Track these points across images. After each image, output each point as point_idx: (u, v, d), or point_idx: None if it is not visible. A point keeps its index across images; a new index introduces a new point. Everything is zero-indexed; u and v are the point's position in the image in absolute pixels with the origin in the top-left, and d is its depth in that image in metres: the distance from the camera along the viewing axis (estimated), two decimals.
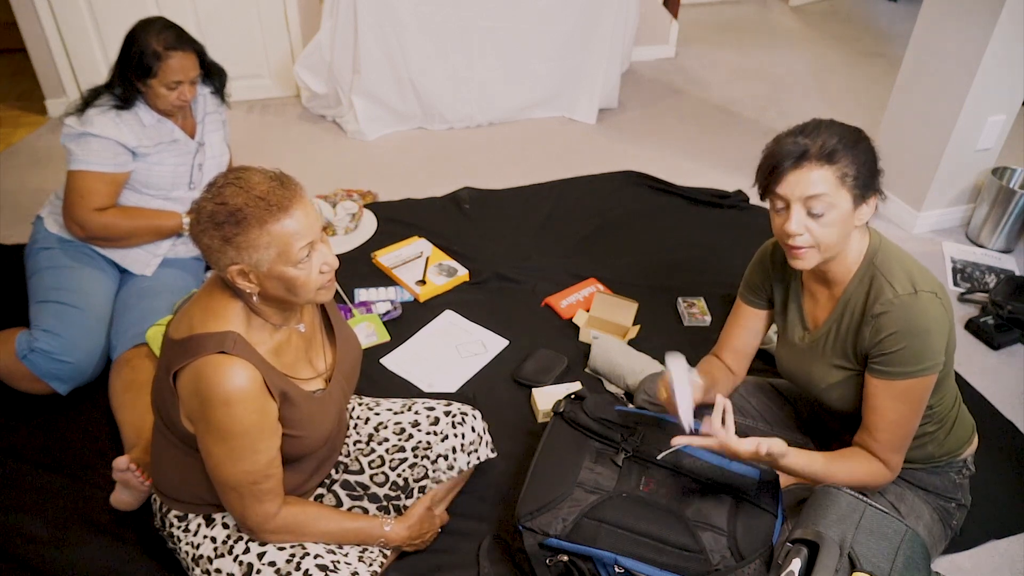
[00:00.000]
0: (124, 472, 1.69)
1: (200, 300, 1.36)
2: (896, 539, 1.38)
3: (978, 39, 2.60)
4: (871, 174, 1.43)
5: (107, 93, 2.05)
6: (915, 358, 1.43)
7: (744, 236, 2.94)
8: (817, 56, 4.77)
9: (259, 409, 1.30)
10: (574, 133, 3.79)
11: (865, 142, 1.44)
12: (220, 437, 1.30)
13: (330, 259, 1.34)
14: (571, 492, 1.62)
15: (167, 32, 2.00)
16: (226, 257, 1.25)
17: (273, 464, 1.36)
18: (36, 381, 1.98)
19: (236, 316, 1.32)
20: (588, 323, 2.41)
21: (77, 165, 2.02)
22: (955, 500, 1.67)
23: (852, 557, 1.34)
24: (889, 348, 1.44)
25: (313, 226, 1.29)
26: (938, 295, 1.44)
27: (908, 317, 1.42)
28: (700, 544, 1.52)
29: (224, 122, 2.34)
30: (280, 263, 1.26)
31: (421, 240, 2.81)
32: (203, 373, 1.26)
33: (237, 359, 1.27)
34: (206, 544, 1.48)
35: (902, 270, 1.46)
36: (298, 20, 3.74)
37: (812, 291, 1.63)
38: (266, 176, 1.27)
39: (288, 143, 3.56)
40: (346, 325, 1.62)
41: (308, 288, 1.31)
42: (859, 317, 1.50)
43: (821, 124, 1.45)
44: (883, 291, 1.45)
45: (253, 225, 1.22)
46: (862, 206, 1.44)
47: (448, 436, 1.70)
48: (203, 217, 1.24)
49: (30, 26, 3.40)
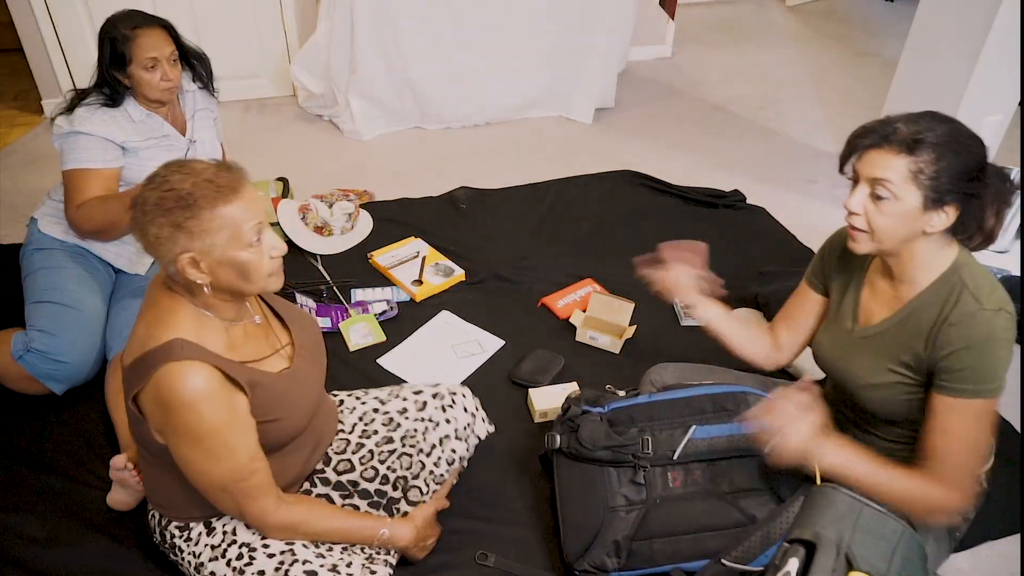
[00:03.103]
0: (121, 471, 1.69)
1: (143, 316, 1.33)
2: (894, 539, 1.38)
3: (974, 38, 2.60)
4: (956, 183, 1.33)
5: (95, 92, 2.05)
6: (987, 376, 1.36)
7: (741, 236, 2.94)
8: (814, 56, 4.78)
9: (225, 406, 1.29)
10: (571, 133, 3.79)
11: (969, 153, 1.34)
12: (192, 441, 1.28)
13: (279, 244, 1.33)
14: (608, 518, 1.61)
15: (132, 15, 2.03)
16: (177, 246, 1.23)
17: (255, 460, 1.34)
18: (32, 381, 1.97)
19: (183, 319, 1.30)
20: (585, 323, 2.41)
21: (68, 164, 2.02)
22: (963, 514, 1.66)
23: (849, 557, 1.33)
24: (961, 364, 1.36)
25: (259, 209, 1.29)
26: (1014, 317, 1.37)
27: (989, 331, 1.34)
28: (748, 513, 1.54)
29: (216, 119, 2.34)
30: (232, 247, 1.25)
31: (417, 240, 2.80)
32: (160, 386, 1.24)
33: (188, 362, 1.25)
34: (206, 551, 1.47)
35: (988, 285, 1.39)
36: (295, 20, 3.74)
37: (874, 284, 1.56)
38: (205, 163, 1.27)
39: (285, 143, 3.56)
40: (294, 307, 1.60)
41: (260, 273, 1.30)
42: (931, 324, 1.41)
43: (935, 117, 1.37)
44: (966, 303, 1.37)
45: (204, 208, 1.21)
46: (934, 212, 1.36)
47: (439, 423, 1.66)
48: (149, 206, 1.22)
49: (26, 26, 3.40)
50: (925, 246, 1.41)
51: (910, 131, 1.34)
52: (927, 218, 1.36)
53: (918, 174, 1.33)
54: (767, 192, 3.24)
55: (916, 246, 1.41)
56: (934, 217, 1.36)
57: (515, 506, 1.86)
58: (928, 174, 1.32)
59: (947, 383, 1.38)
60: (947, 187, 1.33)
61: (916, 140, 1.33)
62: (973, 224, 1.40)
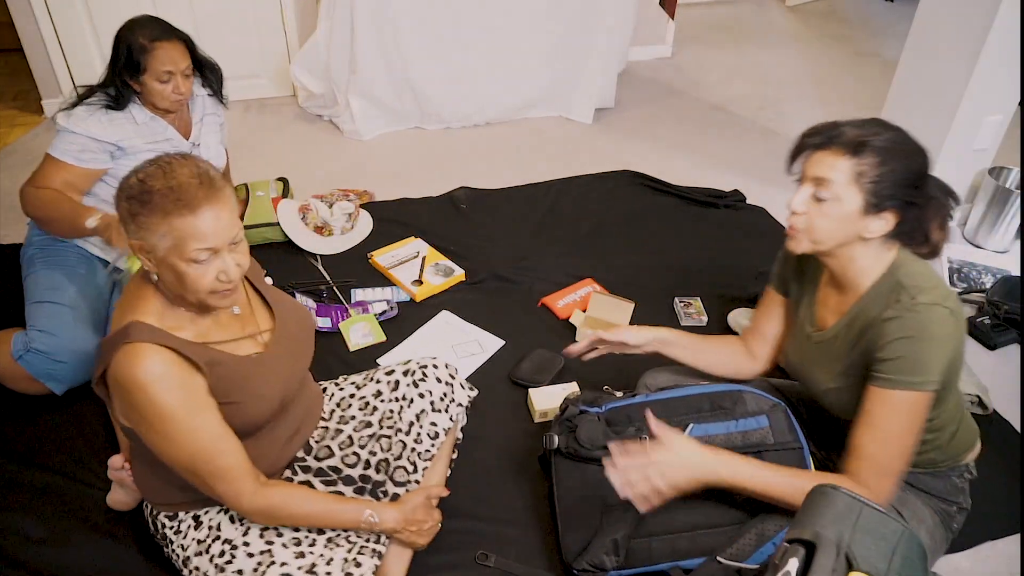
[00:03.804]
0: (119, 471, 1.70)
1: (121, 300, 1.37)
2: (894, 539, 1.38)
3: (974, 38, 2.60)
4: (896, 189, 1.37)
5: (101, 92, 2.05)
6: (918, 368, 1.37)
7: (741, 236, 2.94)
8: (814, 56, 4.77)
9: (180, 386, 1.29)
10: (571, 133, 3.79)
11: (913, 160, 1.38)
12: (151, 423, 1.29)
13: (231, 272, 1.30)
14: (607, 517, 1.62)
15: (153, 26, 2.02)
16: (128, 229, 1.27)
17: (220, 440, 1.33)
18: (32, 381, 1.97)
19: (148, 303, 1.32)
20: (585, 323, 2.41)
21: (50, 150, 2.05)
22: (956, 504, 1.66)
23: (849, 557, 1.33)
24: (894, 354, 1.38)
25: (221, 234, 1.26)
26: (954, 313, 1.39)
27: (921, 324, 1.36)
28: (746, 510, 1.55)
29: (222, 124, 2.34)
30: (173, 256, 1.25)
31: (417, 240, 2.80)
32: (116, 370, 1.27)
33: (141, 344, 1.26)
34: (193, 545, 1.48)
35: (927, 283, 1.41)
36: (295, 20, 3.74)
37: (826, 291, 1.60)
38: (193, 172, 1.25)
39: (285, 143, 3.56)
40: (286, 298, 1.59)
41: (198, 287, 1.28)
42: (872, 323, 1.44)
43: (882, 123, 1.40)
44: (902, 299, 1.39)
45: (156, 211, 1.22)
46: (873, 217, 1.39)
47: (413, 399, 1.66)
48: (124, 184, 1.26)
49: (27, 26, 3.40)
50: (863, 251, 1.45)
51: (856, 134, 1.37)
52: (866, 222, 1.40)
53: (860, 176, 1.37)
54: (767, 192, 3.24)
55: (855, 251, 1.45)
56: (873, 222, 1.40)
57: (515, 506, 1.86)
58: (870, 177, 1.36)
59: (877, 373, 1.41)
60: (887, 192, 1.37)
61: (861, 143, 1.36)
62: (918, 234, 1.45)
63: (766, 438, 1.61)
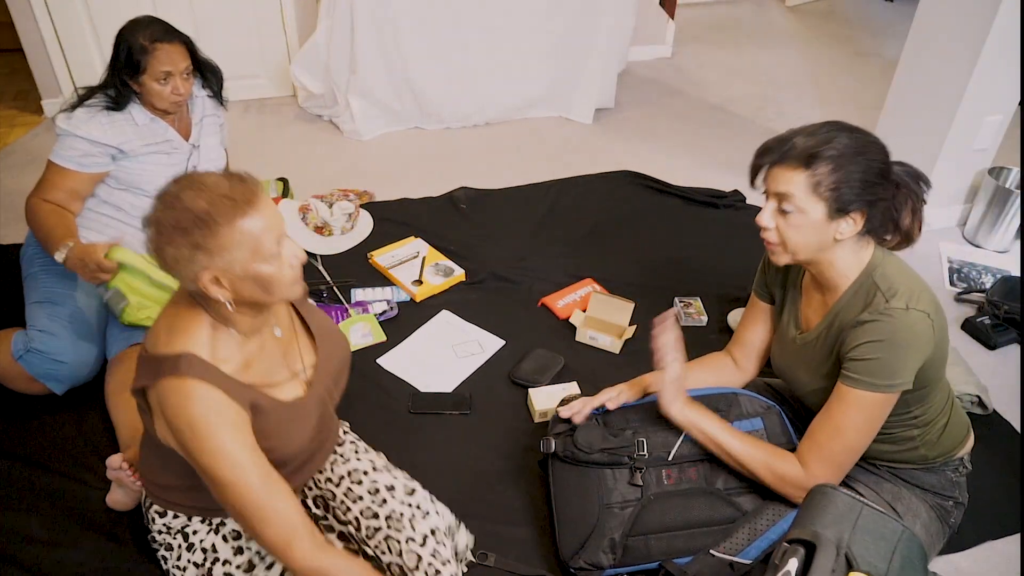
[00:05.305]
0: (117, 471, 1.69)
1: (166, 315, 1.31)
2: (893, 539, 1.38)
3: (974, 39, 2.60)
4: (857, 192, 1.39)
5: (101, 93, 2.05)
6: (885, 371, 1.40)
7: (741, 236, 2.94)
8: (813, 56, 4.78)
9: (231, 424, 1.25)
10: (571, 133, 3.79)
11: (864, 158, 1.39)
12: (196, 460, 1.25)
13: (299, 252, 1.29)
14: (604, 516, 1.62)
15: (153, 26, 2.02)
16: (197, 265, 1.19)
17: (272, 481, 1.27)
18: (32, 381, 1.97)
19: (199, 333, 1.27)
20: (585, 323, 2.41)
21: (52, 156, 2.04)
22: (952, 498, 1.67)
23: (849, 557, 1.34)
24: (863, 356, 1.41)
25: (278, 219, 1.25)
26: (931, 316, 1.41)
27: (892, 330, 1.39)
28: (742, 508, 1.59)
29: (222, 125, 2.34)
30: (253, 261, 1.21)
31: (417, 240, 2.80)
32: (165, 400, 1.23)
33: (192, 381, 1.22)
34: (178, 538, 1.48)
35: (902, 286, 1.43)
36: (295, 20, 3.74)
37: (809, 293, 1.63)
38: (222, 176, 1.22)
39: (285, 143, 3.56)
40: (328, 321, 1.55)
41: (283, 284, 1.27)
42: (850, 325, 1.46)
43: (832, 128, 1.42)
44: (877, 303, 1.43)
45: (222, 224, 1.17)
46: (840, 220, 1.41)
47: (429, 513, 1.52)
48: (165, 228, 1.17)
49: (27, 26, 3.39)
50: (840, 252, 1.48)
51: (806, 145, 1.39)
52: (834, 226, 1.42)
53: (817, 186, 1.39)
54: None
55: (832, 254, 1.48)
56: (841, 225, 1.42)
57: (514, 506, 1.86)
58: (827, 185, 1.38)
59: (845, 371, 1.45)
60: (848, 196, 1.39)
61: (812, 155, 1.38)
62: (889, 225, 1.48)
63: (761, 440, 1.63)
